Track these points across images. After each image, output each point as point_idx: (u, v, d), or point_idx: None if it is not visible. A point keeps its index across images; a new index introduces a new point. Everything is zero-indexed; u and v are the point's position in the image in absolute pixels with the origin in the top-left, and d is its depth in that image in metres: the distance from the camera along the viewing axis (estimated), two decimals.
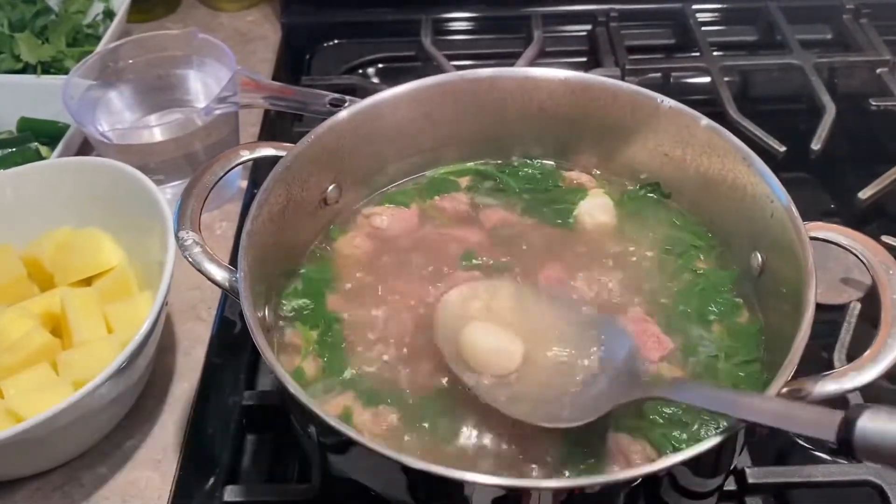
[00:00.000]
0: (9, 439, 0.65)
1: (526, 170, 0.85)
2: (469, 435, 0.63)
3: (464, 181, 0.84)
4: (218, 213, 1.00)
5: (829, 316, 0.85)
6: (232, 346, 0.86)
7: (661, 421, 0.63)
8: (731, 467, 0.66)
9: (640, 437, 0.62)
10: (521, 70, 0.83)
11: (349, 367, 0.68)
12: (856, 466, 0.73)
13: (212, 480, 0.75)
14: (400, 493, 0.57)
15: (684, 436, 0.62)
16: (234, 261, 0.65)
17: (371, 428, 0.63)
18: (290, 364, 0.68)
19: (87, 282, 0.84)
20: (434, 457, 0.61)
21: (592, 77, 0.80)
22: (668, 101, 0.75)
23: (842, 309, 0.86)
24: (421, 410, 0.65)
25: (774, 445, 0.80)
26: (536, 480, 0.57)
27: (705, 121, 0.74)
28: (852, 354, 0.76)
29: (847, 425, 0.47)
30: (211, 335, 0.86)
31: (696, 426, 0.63)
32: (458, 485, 0.52)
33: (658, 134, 0.77)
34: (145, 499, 0.74)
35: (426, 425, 0.64)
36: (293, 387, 0.55)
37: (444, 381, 0.67)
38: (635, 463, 0.60)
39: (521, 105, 0.81)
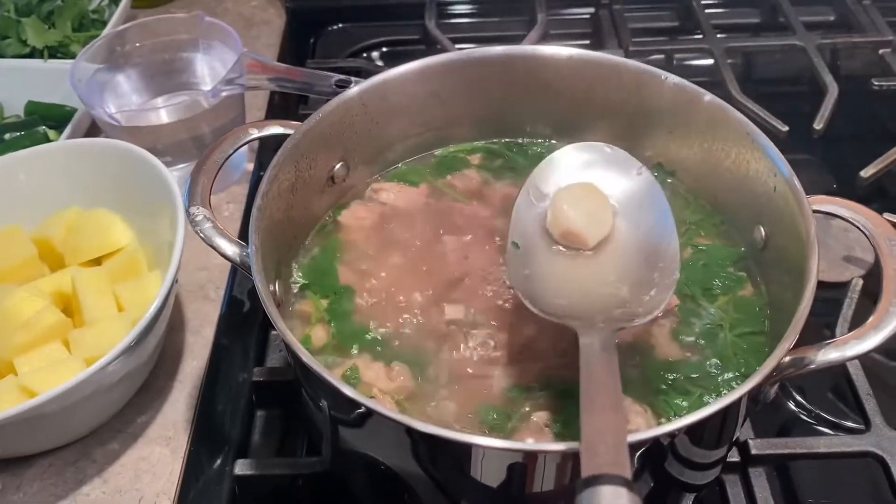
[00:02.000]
0: (22, 414, 0.66)
1: (535, 148, 0.85)
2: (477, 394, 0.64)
3: (473, 159, 0.85)
4: (225, 195, 1.01)
5: (831, 294, 0.86)
6: (241, 325, 0.87)
7: (664, 387, 0.64)
8: (734, 438, 0.67)
9: (641, 400, 0.63)
10: (527, 48, 0.84)
11: (359, 334, 0.69)
12: (858, 438, 0.74)
13: (222, 455, 0.76)
14: (410, 464, 0.58)
15: (685, 403, 0.63)
16: (243, 238, 0.66)
17: (381, 387, 0.64)
18: (299, 334, 0.69)
19: (98, 262, 0.84)
20: (442, 422, 0.63)
21: (597, 54, 0.81)
22: (672, 78, 0.76)
23: (844, 286, 0.87)
24: (431, 374, 0.66)
25: (777, 418, 0.81)
26: (546, 444, 0.58)
27: (708, 96, 0.74)
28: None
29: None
30: (220, 314, 0.87)
31: (698, 394, 0.64)
32: (467, 450, 0.53)
33: (662, 111, 0.78)
34: (156, 474, 0.75)
35: (435, 388, 0.65)
36: (306, 356, 0.56)
37: (456, 347, 0.68)
38: (636, 425, 0.61)
39: (528, 83, 0.81)
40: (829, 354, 0.58)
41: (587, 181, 0.69)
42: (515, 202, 0.69)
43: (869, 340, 0.58)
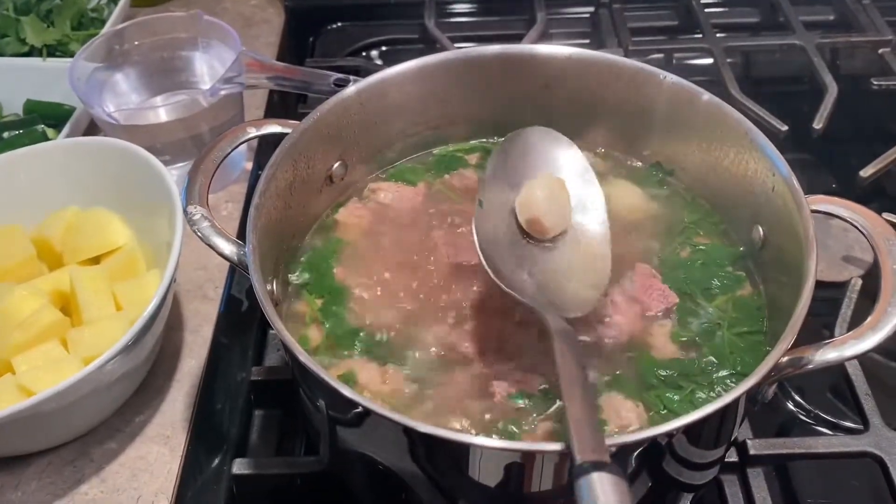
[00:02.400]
0: (20, 413, 0.66)
1: None
2: (471, 396, 0.64)
3: (471, 158, 0.85)
4: (223, 193, 1.01)
5: (829, 293, 0.86)
6: (239, 324, 0.87)
7: (656, 382, 0.65)
8: (733, 438, 0.67)
9: (634, 396, 0.63)
10: (525, 47, 0.84)
11: (353, 334, 0.69)
12: (856, 438, 0.74)
13: (220, 454, 0.76)
14: (407, 463, 0.58)
15: (676, 397, 0.63)
16: (241, 238, 0.66)
17: (376, 389, 0.64)
18: (297, 334, 0.69)
19: (96, 261, 0.84)
20: (438, 420, 0.63)
21: (596, 53, 0.81)
22: (671, 77, 0.76)
23: (843, 286, 0.87)
24: (426, 372, 0.66)
25: (776, 418, 0.81)
26: (543, 444, 0.58)
27: (707, 95, 0.74)
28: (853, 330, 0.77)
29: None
30: (218, 313, 0.87)
31: (690, 389, 0.64)
32: (465, 450, 0.53)
33: (660, 110, 0.78)
34: (155, 473, 0.75)
35: (430, 389, 0.65)
36: (303, 356, 0.55)
37: (450, 343, 0.68)
38: (629, 421, 0.61)
39: (526, 82, 0.81)
40: (827, 354, 0.58)
41: (558, 176, 0.70)
42: (487, 165, 0.71)
43: (867, 340, 0.58)
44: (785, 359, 0.57)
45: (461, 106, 0.83)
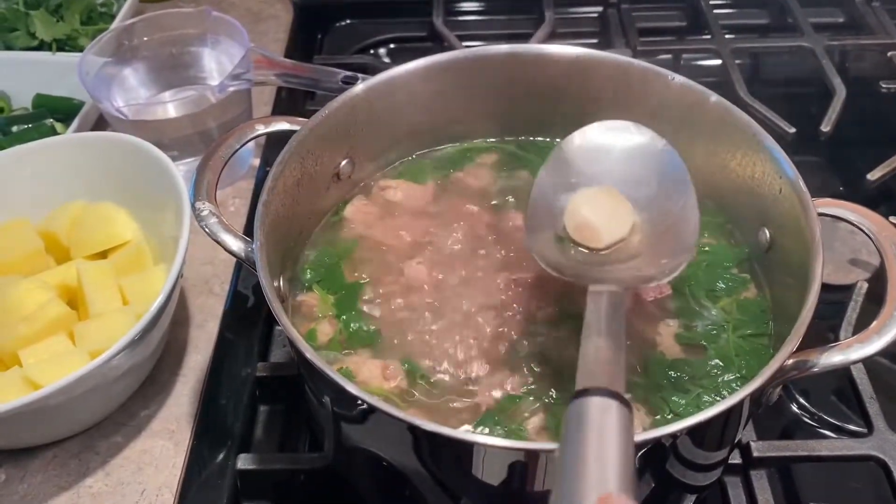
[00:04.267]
0: (26, 406, 0.66)
1: (541, 147, 0.85)
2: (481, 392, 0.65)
3: (480, 156, 0.85)
4: (231, 189, 1.01)
5: (835, 297, 0.86)
6: (245, 320, 0.87)
7: (664, 383, 0.64)
8: (736, 440, 0.67)
9: (637, 398, 0.63)
10: (534, 47, 0.84)
11: (363, 331, 0.69)
12: (860, 441, 0.74)
13: (224, 449, 0.76)
14: (412, 461, 0.59)
15: (683, 401, 0.63)
16: (248, 234, 0.66)
17: (380, 385, 0.65)
18: (303, 330, 0.70)
19: (103, 255, 0.85)
20: (444, 418, 0.63)
21: (603, 54, 0.80)
22: (678, 78, 0.76)
23: (849, 289, 0.87)
24: (430, 375, 0.66)
25: (779, 421, 0.81)
26: (548, 444, 0.58)
27: (714, 97, 0.74)
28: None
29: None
30: (224, 309, 0.88)
31: (696, 393, 0.64)
32: (469, 448, 0.53)
33: (668, 110, 0.77)
34: (159, 467, 0.75)
35: (439, 386, 0.65)
36: (310, 352, 0.56)
37: (468, 341, 0.68)
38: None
39: (534, 82, 0.81)
40: (832, 358, 0.58)
41: (607, 186, 0.68)
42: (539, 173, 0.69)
43: (873, 344, 0.58)
44: (790, 361, 0.57)
45: (469, 105, 0.83)
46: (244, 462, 0.73)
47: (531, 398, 0.64)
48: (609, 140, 0.69)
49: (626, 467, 0.43)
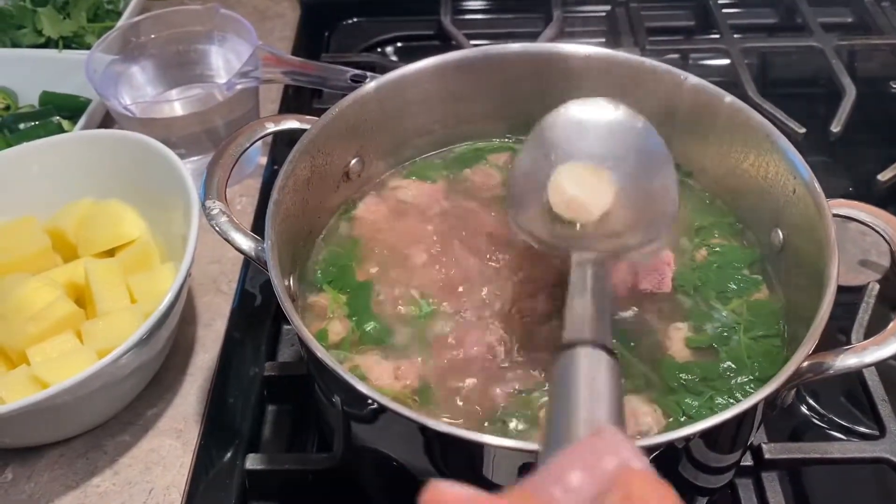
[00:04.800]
0: (34, 405, 0.66)
1: None
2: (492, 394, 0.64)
3: (490, 156, 0.85)
4: (238, 187, 1.01)
5: (846, 298, 0.84)
6: (252, 319, 0.87)
7: (676, 386, 0.64)
8: (749, 443, 0.67)
9: (651, 400, 0.63)
10: (545, 45, 0.84)
11: (372, 329, 0.69)
12: (872, 444, 0.73)
13: (232, 449, 0.76)
14: (422, 461, 0.58)
15: (696, 403, 0.63)
16: (256, 232, 0.66)
17: (391, 385, 0.64)
18: (313, 329, 0.69)
19: (111, 253, 0.84)
20: (456, 418, 0.63)
21: (615, 53, 0.80)
22: (692, 78, 0.75)
23: (859, 291, 0.86)
24: (440, 375, 0.66)
25: (790, 423, 0.81)
26: None
27: (729, 97, 0.74)
28: (870, 335, 0.76)
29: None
30: (232, 308, 0.87)
31: (709, 395, 0.63)
32: (480, 449, 0.53)
33: (680, 110, 0.77)
34: (167, 466, 0.75)
35: (450, 387, 0.65)
36: (321, 352, 0.55)
37: (482, 341, 0.68)
38: (646, 425, 0.61)
39: (546, 81, 0.81)
40: (847, 360, 0.58)
41: (584, 161, 0.67)
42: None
43: (889, 347, 0.58)
44: (805, 364, 0.57)
45: (479, 104, 0.83)
46: (252, 462, 0.73)
47: (543, 393, 0.64)
48: (587, 116, 0.68)
49: (616, 408, 0.43)
